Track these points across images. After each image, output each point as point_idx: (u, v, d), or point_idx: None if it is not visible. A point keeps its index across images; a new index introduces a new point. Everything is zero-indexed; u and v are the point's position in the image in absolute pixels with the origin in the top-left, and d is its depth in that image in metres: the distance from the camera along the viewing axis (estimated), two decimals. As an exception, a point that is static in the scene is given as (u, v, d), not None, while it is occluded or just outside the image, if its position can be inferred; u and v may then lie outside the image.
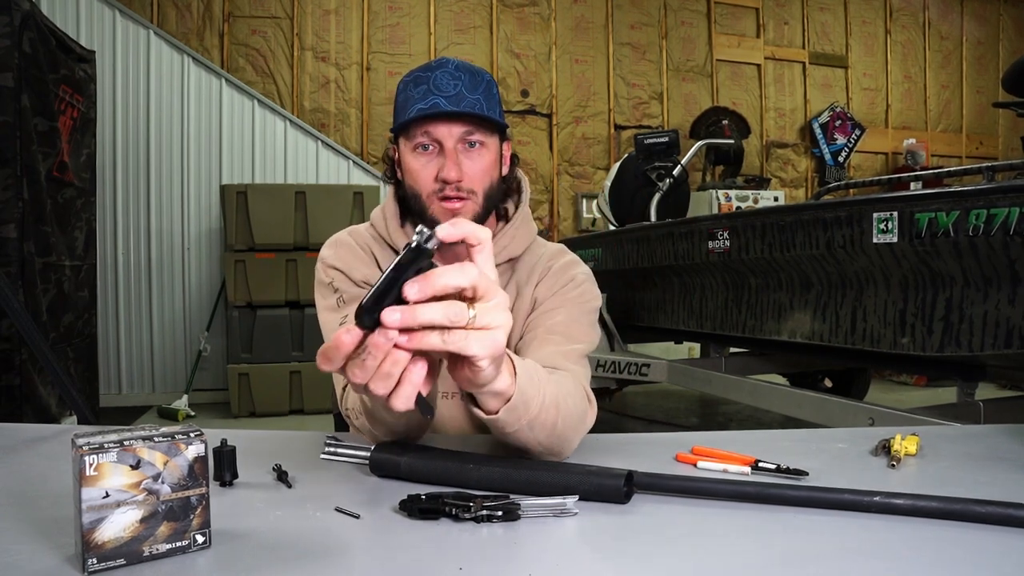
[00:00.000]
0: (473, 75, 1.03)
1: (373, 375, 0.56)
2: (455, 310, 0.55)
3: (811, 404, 2.54)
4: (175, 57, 4.71)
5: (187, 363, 4.72)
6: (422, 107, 1.00)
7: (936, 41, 6.85)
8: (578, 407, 0.89)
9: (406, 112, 1.03)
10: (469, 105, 1.00)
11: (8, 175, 2.80)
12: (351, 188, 4.54)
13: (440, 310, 0.54)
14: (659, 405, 4.81)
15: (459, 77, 1.02)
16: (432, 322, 0.54)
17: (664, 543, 0.66)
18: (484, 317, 0.56)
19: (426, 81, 1.02)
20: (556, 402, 0.81)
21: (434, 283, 0.54)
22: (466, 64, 1.06)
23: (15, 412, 2.79)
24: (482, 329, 0.56)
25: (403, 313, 0.53)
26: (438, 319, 0.54)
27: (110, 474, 0.57)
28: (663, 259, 3.24)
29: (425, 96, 1.01)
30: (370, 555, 0.63)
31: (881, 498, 0.70)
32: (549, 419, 0.80)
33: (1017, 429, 1.06)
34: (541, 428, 0.79)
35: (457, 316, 0.55)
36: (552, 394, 0.80)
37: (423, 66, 1.06)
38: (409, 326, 0.54)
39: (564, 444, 0.86)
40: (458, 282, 0.55)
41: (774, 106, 6.37)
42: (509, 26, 5.61)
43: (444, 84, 1.01)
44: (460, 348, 0.56)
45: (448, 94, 1.00)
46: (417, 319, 0.54)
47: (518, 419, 0.75)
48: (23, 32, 2.85)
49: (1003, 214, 1.80)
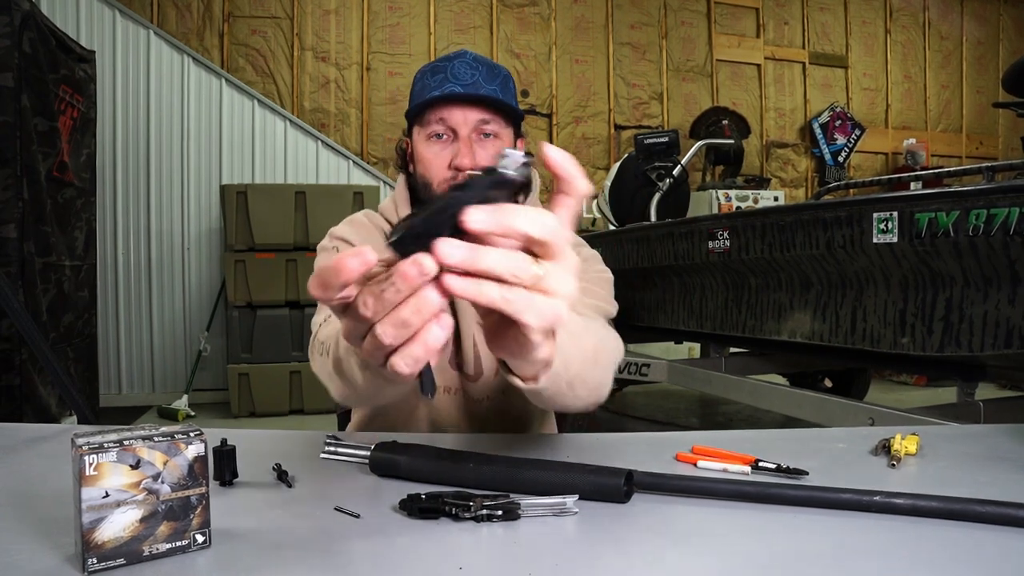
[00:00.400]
0: (491, 68, 1.04)
1: (386, 315, 0.45)
2: (520, 263, 0.44)
3: (811, 404, 2.54)
4: (175, 57, 4.71)
5: (187, 363, 4.72)
6: (437, 95, 1.01)
7: (936, 41, 6.85)
8: (615, 351, 0.83)
9: (422, 98, 1.03)
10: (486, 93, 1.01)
11: (8, 175, 2.80)
12: (351, 188, 4.54)
13: (504, 258, 0.44)
14: (659, 405, 4.81)
15: (477, 68, 1.02)
16: (493, 270, 0.43)
17: (664, 543, 0.66)
18: (551, 280, 0.46)
19: (443, 70, 1.02)
20: (595, 354, 0.75)
21: (506, 219, 0.43)
22: (484, 58, 1.07)
23: (15, 412, 2.79)
24: (545, 294, 0.46)
25: (465, 250, 0.42)
26: (499, 268, 0.44)
27: (110, 474, 0.57)
28: (663, 259, 3.24)
29: (442, 84, 1.01)
30: (370, 555, 0.63)
31: (881, 498, 0.70)
32: (590, 376, 0.74)
33: (1017, 429, 1.06)
34: (582, 385, 0.73)
35: (522, 270, 0.44)
36: (591, 346, 0.74)
37: (441, 57, 1.07)
38: (467, 267, 0.43)
39: (603, 392, 0.80)
40: (533, 229, 0.44)
41: (774, 106, 6.37)
42: (509, 26, 5.61)
43: (461, 73, 1.01)
44: (517, 311, 0.45)
45: (465, 82, 1.01)
46: (479, 262, 0.43)
47: (558, 382, 0.67)
48: (23, 32, 2.85)
49: (1003, 214, 1.80)
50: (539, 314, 0.46)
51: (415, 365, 0.46)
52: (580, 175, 0.47)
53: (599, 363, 0.75)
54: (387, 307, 0.44)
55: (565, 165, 0.46)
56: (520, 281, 0.44)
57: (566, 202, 0.47)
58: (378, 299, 0.44)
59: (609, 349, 0.81)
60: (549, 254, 0.46)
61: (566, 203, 0.47)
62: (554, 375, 0.63)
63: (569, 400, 0.73)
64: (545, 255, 0.46)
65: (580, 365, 0.69)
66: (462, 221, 0.42)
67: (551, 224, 0.45)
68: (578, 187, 0.47)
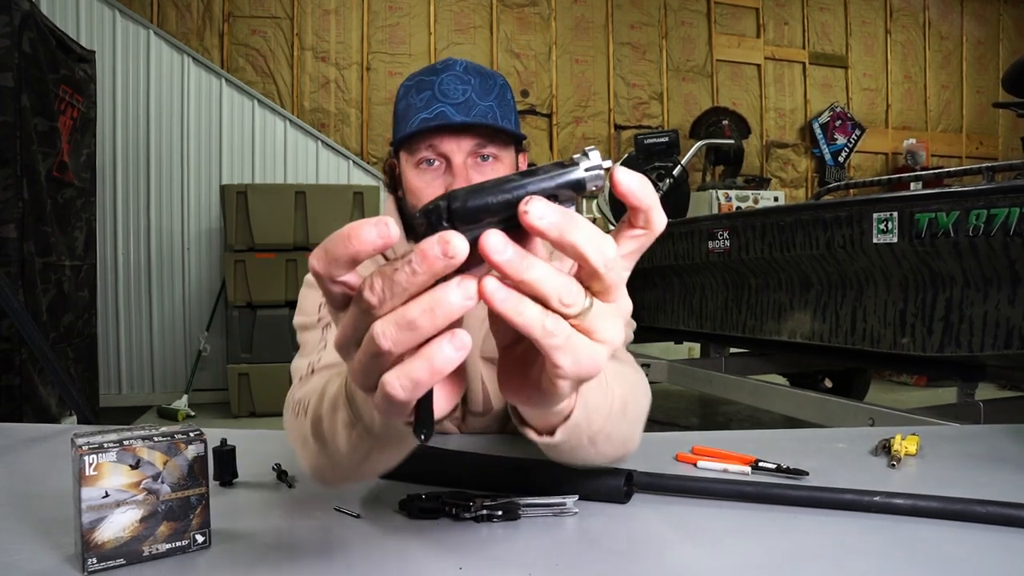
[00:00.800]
0: (484, 78, 0.90)
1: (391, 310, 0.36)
2: (571, 289, 0.36)
3: (811, 404, 2.55)
4: (175, 57, 4.71)
5: (187, 363, 4.72)
6: (426, 117, 0.87)
7: (936, 41, 6.85)
8: (644, 400, 0.71)
9: (407, 123, 0.89)
10: (481, 114, 0.87)
11: (8, 175, 2.80)
12: (351, 188, 4.53)
13: (557, 276, 0.36)
14: (659, 405, 4.81)
15: (468, 81, 0.89)
16: (539, 285, 0.35)
17: (664, 543, 0.66)
18: (598, 320, 0.38)
19: (430, 86, 0.89)
20: (624, 405, 0.62)
21: (569, 226, 0.35)
22: (476, 66, 0.93)
23: (15, 412, 2.79)
24: (588, 335, 0.38)
25: (516, 250, 0.35)
26: (548, 286, 0.36)
27: (110, 474, 0.57)
28: (663, 259, 3.24)
29: (429, 104, 0.87)
30: (370, 555, 0.63)
31: (881, 498, 0.70)
32: (617, 431, 0.61)
33: (1017, 429, 1.06)
34: (606, 441, 0.60)
35: (571, 298, 0.36)
36: (620, 396, 0.61)
37: (427, 68, 0.92)
38: (510, 272, 0.35)
39: (629, 448, 0.69)
40: (592, 252, 0.36)
41: (774, 106, 6.37)
42: (509, 26, 5.61)
43: (451, 89, 0.88)
44: (553, 347, 0.37)
45: (456, 101, 0.87)
46: (527, 270, 0.35)
47: (578, 437, 0.55)
48: (23, 32, 2.85)
49: (1003, 214, 1.80)
50: (576, 358, 0.38)
51: (412, 390, 0.36)
52: (658, 206, 0.39)
53: (627, 416, 0.63)
54: (396, 296, 0.35)
55: (640, 193, 0.38)
56: (567, 310, 0.37)
57: (635, 236, 0.39)
58: (387, 281, 0.35)
59: (639, 399, 0.69)
60: (602, 290, 0.38)
61: (635, 237, 0.39)
62: (573, 428, 0.53)
63: (590, 456, 0.62)
64: (596, 290, 0.38)
65: (605, 419, 0.57)
66: (523, 210, 0.34)
67: (611, 254, 0.37)
68: (655, 221, 0.39)
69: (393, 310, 0.36)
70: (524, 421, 0.54)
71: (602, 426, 0.57)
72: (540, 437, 0.54)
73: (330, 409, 0.55)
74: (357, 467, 0.57)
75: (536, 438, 0.54)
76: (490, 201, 0.35)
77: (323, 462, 0.60)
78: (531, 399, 0.44)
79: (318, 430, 0.58)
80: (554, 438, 0.53)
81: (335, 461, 0.57)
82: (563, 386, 0.40)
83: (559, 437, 0.53)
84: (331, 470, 0.60)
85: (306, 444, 0.61)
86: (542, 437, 0.54)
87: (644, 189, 0.38)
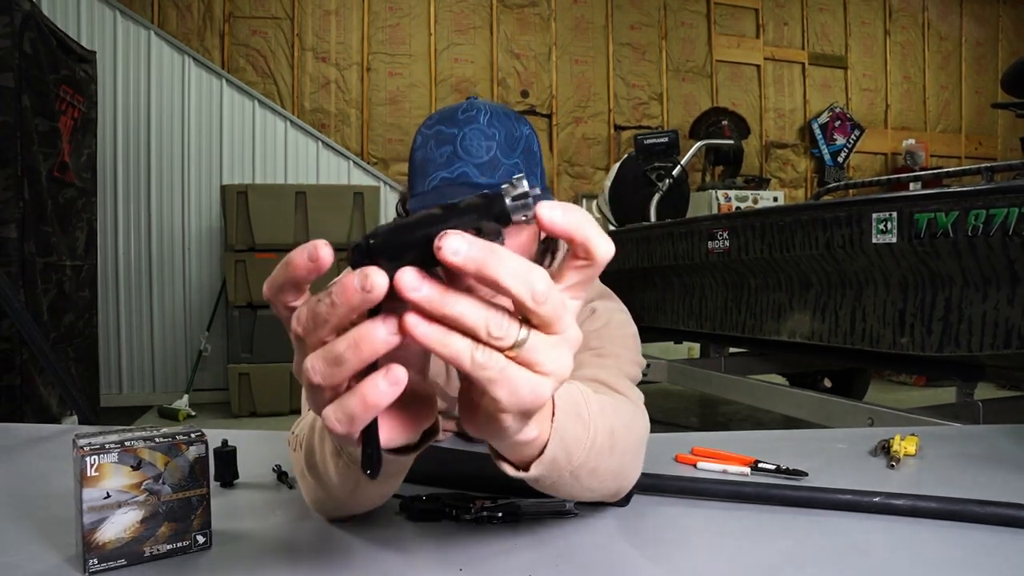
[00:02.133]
0: (510, 131, 0.83)
1: (320, 340, 0.36)
2: (499, 319, 0.36)
3: (811, 404, 2.55)
4: (176, 58, 4.71)
5: (188, 363, 4.72)
6: (447, 176, 0.81)
7: (935, 42, 6.85)
8: (639, 433, 0.69)
9: (426, 179, 0.82)
10: (506, 175, 0.80)
11: (9, 175, 2.80)
12: (351, 188, 4.54)
13: (479, 309, 0.36)
14: (659, 405, 4.81)
15: (493, 136, 0.81)
16: (462, 319, 0.35)
17: (664, 543, 0.66)
18: (536, 352, 0.37)
19: (452, 140, 0.81)
20: (612, 440, 0.60)
21: (490, 259, 0.34)
22: (502, 112, 0.85)
23: (16, 412, 2.79)
24: (527, 367, 0.37)
25: (431, 286, 0.34)
26: (470, 319, 0.35)
27: (111, 475, 0.57)
28: (663, 259, 3.24)
29: (450, 162, 0.81)
30: (371, 556, 0.63)
31: (881, 498, 0.71)
32: (604, 465, 0.60)
33: (1016, 429, 1.06)
34: (591, 476, 0.59)
35: (500, 329, 0.36)
36: (606, 430, 0.59)
37: (448, 116, 0.84)
38: (431, 308, 0.35)
39: (623, 483, 0.67)
40: (514, 285, 0.35)
41: (773, 106, 6.37)
42: (509, 26, 5.61)
43: (474, 147, 0.81)
44: (487, 380, 0.36)
45: (479, 160, 0.80)
46: (446, 305, 0.35)
47: (558, 472, 0.54)
48: (24, 32, 2.86)
49: (1002, 214, 1.81)
50: (513, 390, 0.37)
51: (348, 424, 0.36)
52: (599, 235, 0.38)
53: (616, 450, 0.61)
54: (318, 328, 0.36)
55: (571, 227, 0.37)
56: (496, 342, 0.36)
57: (579, 267, 0.39)
58: (310, 313, 0.36)
59: (633, 431, 0.67)
60: (540, 323, 0.37)
61: (579, 268, 0.39)
62: (549, 463, 0.52)
63: (576, 491, 0.60)
64: (535, 323, 0.37)
65: (587, 453, 0.56)
66: (437, 246, 0.33)
67: (541, 287, 0.36)
68: (596, 251, 0.38)
69: (322, 343, 0.36)
70: (499, 455, 0.52)
71: (584, 460, 0.56)
72: (516, 472, 0.52)
73: (319, 439, 0.56)
74: (349, 497, 0.59)
75: (513, 473, 0.52)
76: (408, 238, 0.35)
77: (321, 495, 0.62)
78: (484, 431, 0.43)
79: (311, 461, 0.59)
80: (529, 473, 0.52)
81: (330, 493, 0.59)
82: (505, 419, 0.40)
83: (534, 472, 0.51)
84: (329, 502, 0.62)
85: (304, 478, 0.63)
86: (518, 472, 0.52)
87: (574, 221, 0.37)
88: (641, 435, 0.69)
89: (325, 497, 0.61)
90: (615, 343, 0.84)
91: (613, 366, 0.80)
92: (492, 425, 0.41)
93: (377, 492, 0.58)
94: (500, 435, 0.43)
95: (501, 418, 0.40)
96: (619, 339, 0.86)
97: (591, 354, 0.80)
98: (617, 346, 0.84)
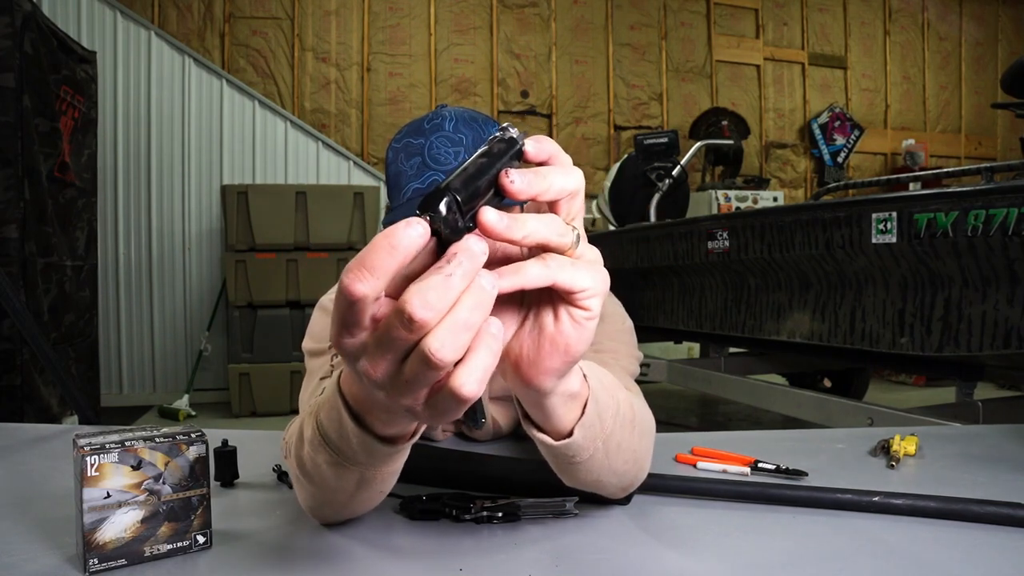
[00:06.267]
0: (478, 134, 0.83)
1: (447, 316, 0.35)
2: (558, 224, 0.40)
3: (810, 404, 2.55)
4: (176, 58, 4.71)
5: (188, 363, 4.72)
6: (419, 187, 0.82)
7: (935, 42, 6.85)
8: (650, 423, 0.69)
9: (400, 192, 0.84)
10: None
11: (9, 175, 2.80)
12: (351, 188, 4.54)
13: (543, 222, 0.39)
14: (659, 405, 4.81)
15: (460, 141, 0.82)
16: (535, 234, 0.39)
17: (664, 543, 0.66)
18: (587, 250, 0.43)
19: (420, 151, 0.82)
20: (632, 412, 0.62)
21: (543, 179, 0.40)
22: (467, 116, 0.85)
23: (16, 412, 2.79)
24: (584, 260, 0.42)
25: (508, 218, 0.37)
26: (543, 233, 0.39)
27: (111, 474, 0.57)
28: (663, 259, 3.24)
29: (420, 172, 0.82)
30: (370, 556, 0.63)
31: (880, 498, 0.71)
32: (628, 441, 0.60)
33: (1016, 429, 1.06)
34: (617, 451, 0.59)
35: (563, 233, 0.40)
36: (626, 401, 0.60)
37: (415, 127, 0.85)
38: (509, 236, 0.38)
39: (640, 469, 0.67)
40: (571, 185, 0.41)
41: (773, 107, 6.37)
42: (509, 27, 5.62)
43: (442, 154, 0.82)
44: (569, 280, 0.40)
45: (448, 167, 0.81)
46: (525, 230, 0.38)
47: (594, 439, 0.55)
48: (24, 33, 2.86)
49: (1002, 214, 1.81)
50: (591, 276, 0.42)
51: (485, 379, 0.36)
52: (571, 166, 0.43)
53: (635, 426, 0.62)
54: (452, 297, 0.35)
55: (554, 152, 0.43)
56: (563, 246, 0.40)
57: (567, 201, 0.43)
58: (437, 292, 0.34)
59: (644, 417, 0.68)
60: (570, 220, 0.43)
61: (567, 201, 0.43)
62: (588, 427, 0.53)
63: (604, 474, 0.61)
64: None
65: (614, 419, 0.57)
66: (502, 184, 0.38)
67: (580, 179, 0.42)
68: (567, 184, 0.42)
69: (442, 319, 0.35)
70: (539, 428, 0.53)
71: (613, 428, 0.57)
72: (558, 441, 0.53)
73: (312, 445, 0.57)
74: (349, 498, 0.59)
75: (553, 442, 0.53)
76: (479, 186, 0.37)
77: (318, 500, 0.63)
78: (552, 364, 0.44)
79: (304, 470, 0.60)
80: (573, 437, 0.53)
81: (327, 497, 0.61)
82: (591, 304, 0.42)
83: (577, 435, 0.53)
84: (328, 506, 0.63)
85: (298, 482, 0.63)
86: (559, 440, 0.53)
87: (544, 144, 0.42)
88: (651, 421, 0.69)
89: (324, 501, 0.62)
90: (612, 338, 0.86)
91: (612, 362, 0.81)
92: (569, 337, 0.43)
93: (371, 495, 0.59)
94: (574, 350, 0.44)
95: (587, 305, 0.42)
96: (616, 334, 0.87)
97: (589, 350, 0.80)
98: (614, 341, 0.86)
